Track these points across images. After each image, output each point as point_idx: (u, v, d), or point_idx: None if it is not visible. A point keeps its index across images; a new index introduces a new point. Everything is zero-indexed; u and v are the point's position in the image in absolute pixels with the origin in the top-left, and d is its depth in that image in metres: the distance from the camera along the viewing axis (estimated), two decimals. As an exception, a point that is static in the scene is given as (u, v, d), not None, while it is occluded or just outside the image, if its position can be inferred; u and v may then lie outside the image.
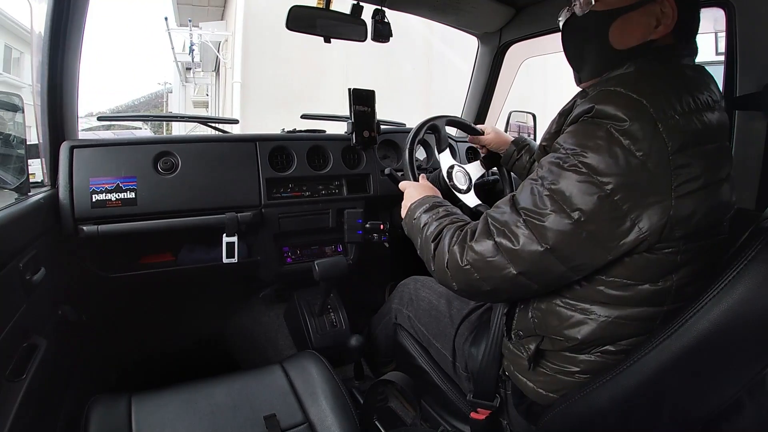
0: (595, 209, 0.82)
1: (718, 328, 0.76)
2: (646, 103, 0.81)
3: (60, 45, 1.46)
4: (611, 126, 0.82)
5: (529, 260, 0.89)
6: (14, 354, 1.13)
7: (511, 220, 0.92)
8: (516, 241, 0.90)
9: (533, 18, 1.96)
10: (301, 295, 2.09)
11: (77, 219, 1.51)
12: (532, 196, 0.90)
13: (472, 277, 0.97)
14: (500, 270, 0.93)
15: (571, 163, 0.85)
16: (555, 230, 0.86)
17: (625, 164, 0.80)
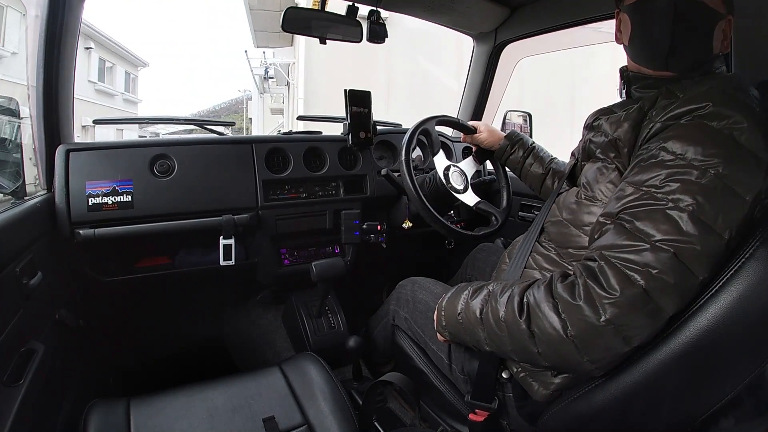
0: (740, 222, 0.78)
1: (716, 326, 0.77)
2: (751, 104, 0.82)
3: (55, 49, 1.46)
4: (733, 129, 0.79)
5: (684, 296, 0.80)
6: (12, 359, 1.12)
7: (655, 256, 0.79)
8: (670, 280, 0.78)
9: (528, 18, 1.96)
10: (299, 296, 2.09)
11: (74, 223, 1.51)
12: (670, 223, 0.79)
13: (612, 340, 0.82)
14: (653, 318, 0.80)
15: (709, 177, 0.78)
16: (710, 256, 0.77)
17: (754, 172, 0.78)
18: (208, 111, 16.83)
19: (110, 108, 19.30)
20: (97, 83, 18.36)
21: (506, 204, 1.76)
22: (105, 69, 19.26)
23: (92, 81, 18.04)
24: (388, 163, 2.14)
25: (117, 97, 20.62)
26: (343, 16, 1.75)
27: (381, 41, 1.82)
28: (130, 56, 21.61)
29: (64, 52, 1.49)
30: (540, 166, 1.64)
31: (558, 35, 1.89)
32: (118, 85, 20.61)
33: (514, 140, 1.69)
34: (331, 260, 1.74)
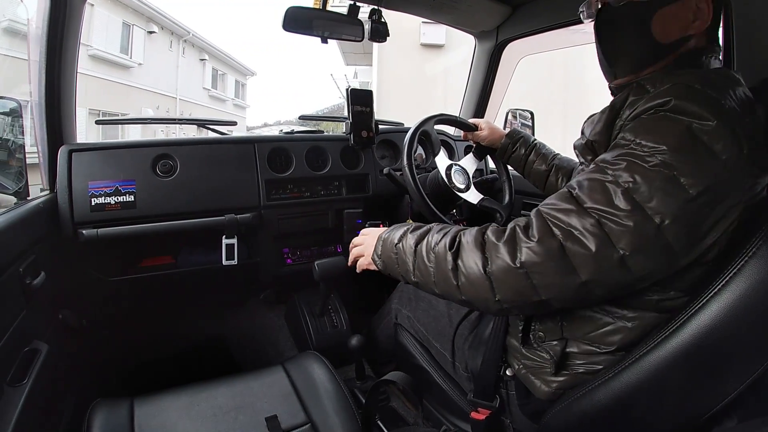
0: (678, 213, 0.76)
1: (719, 324, 0.77)
2: (724, 102, 0.79)
3: (57, 49, 1.46)
4: (694, 124, 0.78)
5: (600, 266, 0.80)
6: (15, 359, 1.13)
7: (579, 220, 0.82)
8: (589, 244, 0.79)
9: (529, 16, 1.96)
10: (302, 296, 2.09)
11: (77, 223, 1.51)
12: (605, 194, 0.81)
13: (524, 283, 0.85)
14: (565, 276, 0.82)
15: (654, 162, 0.78)
16: (634, 234, 0.77)
17: (709, 167, 0.76)
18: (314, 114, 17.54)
19: (221, 111, 21.91)
20: (210, 90, 21.03)
21: (509, 200, 1.76)
22: (217, 77, 21.97)
23: (206, 88, 20.76)
24: (390, 162, 2.14)
25: (228, 102, 23.25)
26: (345, 15, 1.74)
27: (382, 40, 1.81)
28: (239, 66, 24.36)
29: (66, 53, 1.49)
30: (543, 163, 1.63)
31: (559, 34, 1.89)
32: (229, 92, 23.41)
33: (515, 138, 1.69)
34: (333, 259, 1.74)
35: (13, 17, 9.42)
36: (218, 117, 17.66)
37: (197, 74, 19.89)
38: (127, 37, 14.95)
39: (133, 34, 15.15)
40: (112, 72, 14.31)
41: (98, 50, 13.39)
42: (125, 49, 14.87)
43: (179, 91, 17.97)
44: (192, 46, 19.08)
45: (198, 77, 19.98)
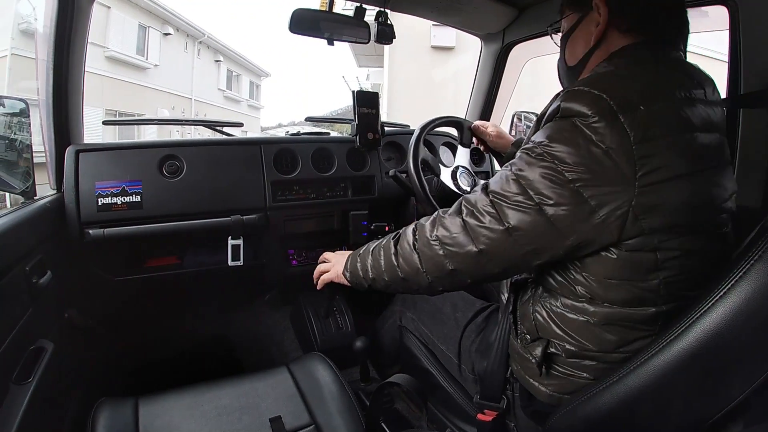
0: (556, 195, 0.85)
1: (724, 328, 0.76)
2: (606, 97, 0.83)
3: (65, 50, 1.47)
4: (577, 121, 0.85)
5: (490, 238, 0.93)
6: (21, 357, 1.14)
7: (480, 200, 0.96)
8: (482, 219, 0.94)
9: (536, 19, 1.95)
10: (307, 297, 2.10)
11: (83, 223, 1.52)
12: (501, 180, 0.94)
13: (437, 254, 1.01)
14: (463, 247, 0.97)
15: (538, 152, 0.88)
16: (517, 210, 0.89)
17: (587, 154, 0.83)
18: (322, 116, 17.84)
19: (236, 112, 21.93)
20: (225, 91, 21.24)
21: None
22: (232, 78, 22.16)
23: (221, 89, 20.95)
24: (396, 164, 2.14)
25: (242, 103, 23.39)
26: (351, 18, 1.74)
27: (389, 42, 1.81)
28: (253, 67, 24.57)
29: (73, 53, 1.50)
30: None
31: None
32: (244, 93, 23.60)
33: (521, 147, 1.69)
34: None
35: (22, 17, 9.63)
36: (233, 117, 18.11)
37: (212, 75, 20.09)
38: (143, 38, 15.18)
39: (149, 36, 15.38)
40: (128, 73, 14.54)
41: (115, 52, 13.61)
42: (141, 50, 15.10)
43: (194, 91, 18.25)
44: (207, 47, 19.34)
45: (213, 78, 20.17)
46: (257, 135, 9.65)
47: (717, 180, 0.91)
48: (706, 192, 0.88)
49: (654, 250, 0.86)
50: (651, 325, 0.91)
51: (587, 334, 0.96)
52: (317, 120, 2.84)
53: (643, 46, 0.97)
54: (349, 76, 14.16)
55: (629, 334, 0.93)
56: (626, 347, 0.94)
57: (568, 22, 1.10)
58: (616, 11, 0.98)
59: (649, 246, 0.85)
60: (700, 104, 0.90)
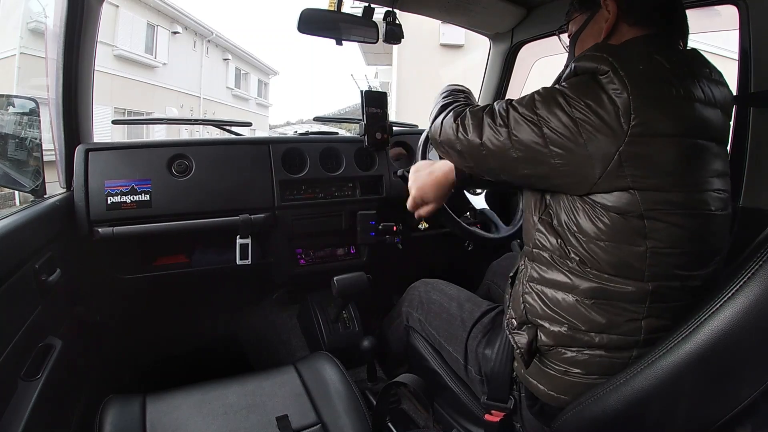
0: (557, 121, 0.93)
1: (732, 330, 0.75)
2: (607, 55, 0.91)
3: (74, 49, 1.48)
4: (589, 76, 0.94)
5: (494, 137, 1.03)
6: (30, 354, 1.14)
7: (500, 106, 1.05)
8: (494, 120, 1.04)
9: (545, 18, 1.94)
10: (315, 296, 2.10)
11: (92, 221, 1.53)
12: (522, 97, 1.03)
13: (450, 131, 1.14)
14: (472, 140, 1.08)
15: (556, 89, 0.97)
16: (520, 123, 0.99)
17: (592, 97, 0.90)
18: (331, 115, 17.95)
19: (245, 110, 21.63)
20: (233, 89, 21.33)
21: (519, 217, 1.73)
22: (240, 77, 22.30)
23: (230, 87, 21.03)
24: (404, 164, 2.14)
25: (251, 102, 23.48)
26: (360, 17, 1.74)
27: (397, 42, 1.81)
28: (262, 65, 24.65)
29: (83, 53, 1.51)
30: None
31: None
32: (252, 91, 23.70)
33: None
34: (352, 276, 1.74)
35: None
36: (241, 116, 18.48)
37: (221, 74, 20.20)
38: (152, 37, 15.29)
39: (157, 35, 15.49)
40: (137, 72, 14.65)
41: (123, 50, 13.70)
42: (150, 49, 15.20)
43: (203, 90, 18.36)
44: (215, 46, 19.41)
45: (221, 77, 20.27)
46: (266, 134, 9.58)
47: (711, 153, 0.94)
48: (694, 160, 0.92)
49: (641, 216, 0.89)
50: (638, 305, 0.93)
51: (576, 313, 0.98)
52: (326, 120, 2.85)
53: (650, 38, 1.00)
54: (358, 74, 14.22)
55: (617, 314, 0.95)
56: (615, 330, 0.96)
57: (577, 23, 1.15)
58: (624, 6, 1.02)
59: (635, 210, 0.90)
60: (703, 79, 0.96)
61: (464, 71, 8.48)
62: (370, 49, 11.80)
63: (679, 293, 0.93)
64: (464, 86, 1.41)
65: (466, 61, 8.69)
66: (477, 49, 6.64)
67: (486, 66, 2.36)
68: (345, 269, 1.79)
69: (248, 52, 22.34)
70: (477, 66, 2.42)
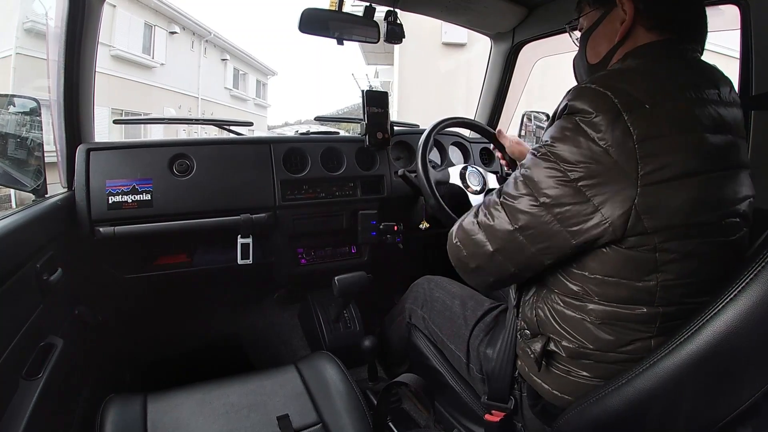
0: (560, 194, 0.88)
1: (734, 331, 0.75)
2: (611, 94, 0.84)
3: (76, 49, 1.48)
4: (579, 119, 0.86)
5: (502, 238, 0.98)
6: (31, 353, 1.15)
7: (492, 202, 1.02)
8: (494, 220, 0.99)
9: (546, 18, 1.94)
10: (316, 296, 2.10)
11: (94, 221, 1.53)
12: (511, 182, 0.98)
13: (461, 254, 1.09)
14: (480, 247, 1.03)
15: (543, 152, 0.91)
16: (524, 211, 0.93)
17: (589, 153, 0.84)
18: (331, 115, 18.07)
19: (243, 111, 22.11)
20: (232, 89, 21.32)
21: None
22: (239, 77, 22.33)
23: (228, 87, 21.01)
24: (405, 164, 2.14)
25: (249, 102, 23.41)
26: (361, 17, 1.74)
27: (398, 42, 1.81)
28: (260, 66, 24.57)
29: (84, 53, 1.51)
30: None
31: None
32: (250, 91, 23.65)
33: None
34: (354, 275, 1.74)
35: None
36: (239, 116, 18.26)
37: (219, 74, 20.13)
38: (149, 37, 15.24)
39: (155, 35, 15.44)
40: (134, 72, 14.61)
41: (120, 50, 13.64)
42: (147, 49, 15.15)
43: (201, 90, 18.31)
44: (213, 46, 19.35)
45: (219, 77, 20.20)
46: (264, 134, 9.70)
47: (726, 183, 0.90)
48: (712, 194, 0.87)
49: (653, 250, 0.86)
50: (648, 325, 0.91)
51: (585, 333, 0.96)
52: (326, 119, 2.85)
53: (664, 45, 0.97)
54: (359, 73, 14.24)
55: (626, 334, 0.93)
56: (624, 347, 0.94)
57: (589, 19, 1.11)
58: (642, 9, 0.98)
59: (648, 245, 0.85)
60: (712, 105, 0.89)
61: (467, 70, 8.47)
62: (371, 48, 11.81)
63: (690, 313, 0.88)
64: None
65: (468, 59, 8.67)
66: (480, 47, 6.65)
67: (487, 66, 2.36)
68: (346, 269, 1.79)
69: (246, 52, 22.37)
70: (480, 65, 2.42)
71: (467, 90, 8.43)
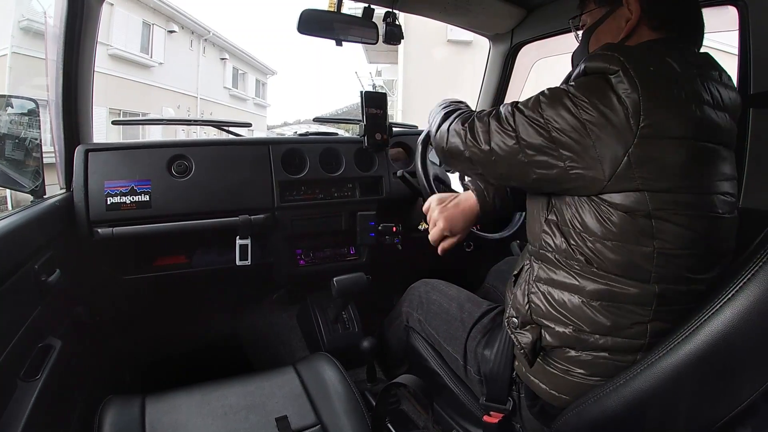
0: (566, 124, 0.93)
1: (732, 331, 0.75)
2: (620, 56, 0.90)
3: (74, 50, 1.48)
4: (599, 76, 0.92)
5: (503, 142, 1.02)
6: (29, 354, 1.14)
7: (506, 111, 1.04)
8: (503, 126, 1.02)
9: (544, 19, 1.94)
10: (315, 297, 2.10)
11: (92, 222, 1.53)
12: (526, 100, 1.02)
13: (457, 140, 1.13)
14: (479, 145, 1.07)
15: (562, 89, 0.96)
16: (528, 127, 0.98)
17: (606, 100, 0.89)
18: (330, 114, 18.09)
19: (242, 110, 21.97)
20: (231, 89, 21.21)
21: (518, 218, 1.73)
22: (238, 76, 22.22)
23: (227, 87, 20.89)
24: (404, 165, 2.14)
25: (248, 102, 23.30)
26: (360, 18, 1.74)
27: (397, 43, 1.81)
28: (259, 65, 24.47)
29: (83, 54, 1.51)
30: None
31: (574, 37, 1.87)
32: (250, 91, 23.56)
33: None
34: (352, 277, 1.74)
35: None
36: (239, 116, 18.35)
37: (218, 73, 20.05)
38: (147, 36, 15.15)
39: (153, 34, 15.34)
40: (132, 71, 14.50)
41: (118, 49, 13.53)
42: (145, 48, 15.06)
43: (200, 90, 18.22)
44: (212, 45, 19.25)
45: (219, 76, 20.10)
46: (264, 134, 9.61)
47: (719, 157, 0.94)
48: (704, 163, 0.92)
49: (649, 216, 0.89)
50: (644, 307, 0.93)
51: (581, 315, 0.97)
52: (325, 120, 2.85)
53: (665, 42, 1.00)
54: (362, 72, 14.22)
55: (623, 317, 0.94)
56: (620, 332, 0.95)
57: (593, 16, 1.13)
58: (648, 9, 1.01)
59: (643, 210, 0.89)
60: (713, 82, 0.95)
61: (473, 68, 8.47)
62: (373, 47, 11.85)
63: (684, 297, 0.92)
64: (462, 100, 1.41)
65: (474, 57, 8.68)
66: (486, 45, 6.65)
67: (486, 67, 2.36)
68: (345, 270, 1.79)
69: (246, 51, 22.28)
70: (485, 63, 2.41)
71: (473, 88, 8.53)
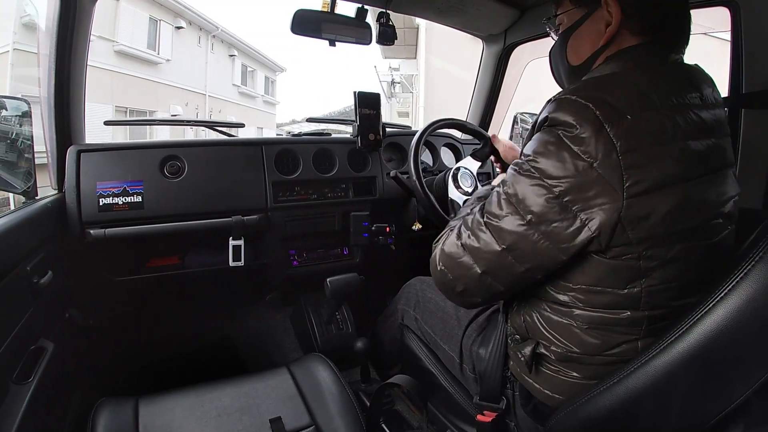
0: (545, 211, 0.85)
1: (724, 330, 0.76)
2: (593, 107, 0.82)
3: (66, 51, 1.47)
4: (561, 132, 0.84)
5: (489, 259, 0.95)
6: (21, 357, 1.14)
7: (476, 222, 0.98)
8: (478, 241, 0.96)
9: (537, 20, 1.95)
10: (308, 298, 2.10)
11: (84, 223, 1.52)
12: (494, 200, 0.95)
13: (446, 279, 1.05)
14: (468, 269, 0.99)
15: (526, 168, 0.89)
16: (510, 231, 0.90)
17: (572, 167, 0.82)
18: (338, 112, 17.99)
19: (251, 108, 22.02)
20: (240, 86, 21.14)
21: None
22: (247, 73, 22.09)
23: (236, 84, 20.81)
24: (397, 165, 2.14)
25: (257, 99, 23.26)
26: (353, 19, 1.74)
27: (390, 43, 1.82)
28: (268, 62, 24.28)
29: (75, 54, 1.50)
30: None
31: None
32: (259, 88, 23.38)
33: None
34: (346, 277, 1.74)
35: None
36: (248, 114, 18.50)
37: (226, 70, 19.94)
38: (155, 32, 14.89)
39: (160, 30, 15.10)
40: (139, 68, 14.30)
41: (124, 46, 13.30)
42: (152, 45, 14.82)
43: (208, 87, 18.06)
44: (221, 41, 19.07)
45: (227, 73, 20.00)
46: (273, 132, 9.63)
47: (711, 186, 0.89)
48: (697, 200, 0.87)
49: (637, 258, 0.85)
50: (634, 328, 0.92)
51: (571, 337, 0.96)
52: (319, 120, 2.85)
53: (647, 48, 0.95)
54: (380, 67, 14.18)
55: (612, 338, 0.93)
56: (610, 350, 0.94)
57: (570, 17, 1.06)
58: (629, 13, 0.94)
59: (632, 254, 0.85)
60: (694, 110, 0.88)
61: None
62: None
63: (677, 312, 0.89)
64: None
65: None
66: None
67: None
68: (338, 270, 1.79)
69: (255, 48, 22.03)
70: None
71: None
